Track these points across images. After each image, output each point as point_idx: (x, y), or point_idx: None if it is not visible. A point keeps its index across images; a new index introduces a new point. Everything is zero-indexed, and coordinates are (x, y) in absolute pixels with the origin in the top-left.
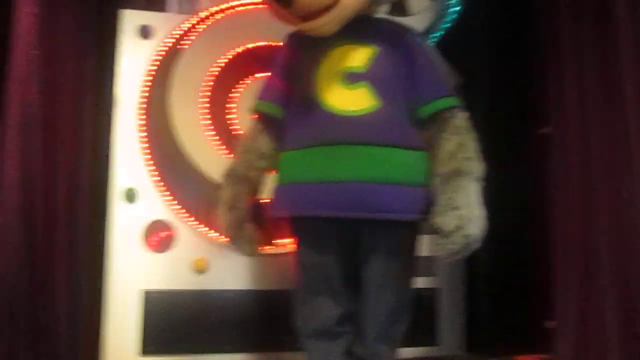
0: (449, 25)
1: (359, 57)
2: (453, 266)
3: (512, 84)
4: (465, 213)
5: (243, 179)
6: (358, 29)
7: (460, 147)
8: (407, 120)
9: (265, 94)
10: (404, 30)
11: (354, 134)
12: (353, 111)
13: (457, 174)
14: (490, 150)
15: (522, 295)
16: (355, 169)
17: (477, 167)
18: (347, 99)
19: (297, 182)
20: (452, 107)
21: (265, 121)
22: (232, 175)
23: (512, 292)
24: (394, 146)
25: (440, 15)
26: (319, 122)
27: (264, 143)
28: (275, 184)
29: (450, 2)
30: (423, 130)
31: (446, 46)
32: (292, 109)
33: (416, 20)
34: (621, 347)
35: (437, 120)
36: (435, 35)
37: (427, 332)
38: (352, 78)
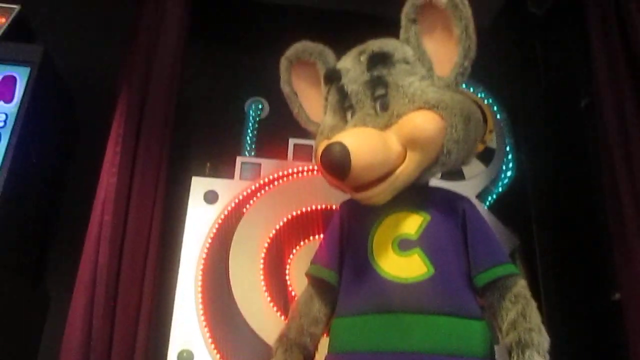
0: (502, 190)
1: (411, 224)
2: None
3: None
4: None
5: (295, 345)
6: (410, 196)
7: (522, 317)
8: (463, 287)
9: (320, 258)
10: (456, 197)
11: (409, 302)
12: (407, 278)
13: (520, 346)
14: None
15: None
16: (412, 339)
17: (541, 338)
18: (401, 266)
19: (351, 352)
20: (510, 275)
21: (319, 286)
22: (284, 340)
23: None
24: (451, 315)
25: (493, 180)
26: (373, 289)
27: (317, 308)
28: (328, 352)
29: (504, 167)
30: (481, 298)
31: (502, 210)
32: (346, 275)
33: (470, 184)
34: None
35: (495, 288)
36: (489, 198)
37: None
38: (404, 245)
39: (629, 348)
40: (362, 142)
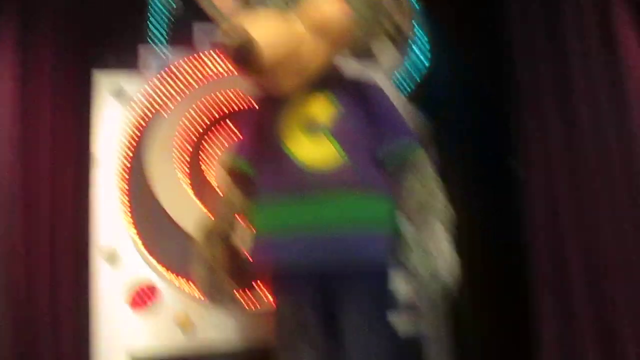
0: (416, 75)
1: (323, 111)
2: (436, 312)
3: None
4: (434, 253)
5: (218, 233)
6: (322, 83)
7: (425, 188)
8: (373, 168)
9: (236, 150)
10: (366, 82)
11: (324, 185)
12: (320, 163)
13: (423, 214)
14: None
15: (509, 337)
16: (329, 220)
17: (442, 207)
18: (314, 152)
19: (272, 236)
20: (412, 149)
21: (237, 176)
22: (208, 232)
23: (498, 335)
24: (363, 195)
25: (408, 66)
26: (288, 175)
27: (237, 198)
28: (252, 238)
29: (419, 53)
30: (390, 175)
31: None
32: (262, 163)
33: (384, 69)
34: None
35: (401, 164)
36: (405, 87)
37: None
38: (316, 131)
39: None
40: (269, 30)
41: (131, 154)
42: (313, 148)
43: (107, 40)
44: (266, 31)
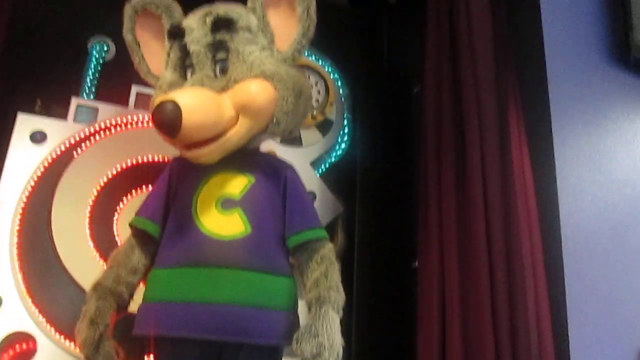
0: (335, 160)
1: (236, 185)
2: None
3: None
4: (323, 341)
5: (110, 293)
6: (240, 159)
7: (324, 276)
8: (276, 247)
9: (144, 210)
10: (281, 163)
11: (223, 257)
12: (224, 236)
13: (319, 302)
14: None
15: None
16: (222, 292)
17: (337, 296)
18: (221, 224)
19: (163, 301)
20: (319, 239)
21: (141, 237)
22: (98, 288)
23: None
24: (261, 271)
25: (328, 150)
26: (192, 243)
27: (137, 258)
28: (142, 301)
29: (339, 139)
30: (292, 258)
31: (332, 179)
32: (168, 229)
33: (306, 151)
34: None
35: (305, 250)
36: (322, 166)
37: None
38: (226, 205)
39: (419, 309)
40: (196, 101)
41: (38, 199)
42: (221, 220)
43: (40, 88)
44: (192, 98)
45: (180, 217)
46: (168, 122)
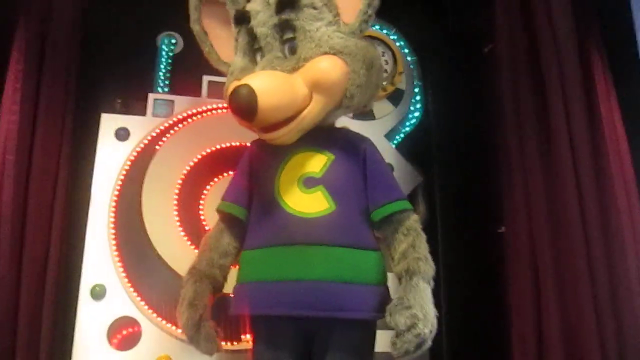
0: (409, 129)
1: (316, 163)
2: None
3: (466, 187)
4: (416, 312)
5: (205, 276)
6: (317, 137)
7: (411, 247)
8: (361, 222)
9: (229, 195)
10: (360, 139)
11: (311, 235)
12: (310, 214)
13: (409, 273)
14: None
15: None
16: (312, 269)
17: (427, 267)
18: (305, 202)
19: (256, 281)
20: (403, 210)
21: (229, 221)
22: (194, 272)
23: None
24: (349, 247)
25: (401, 120)
26: (278, 223)
27: (227, 242)
28: (236, 282)
29: (412, 108)
30: (377, 232)
31: (408, 149)
32: (254, 211)
33: (379, 123)
34: None
35: (390, 222)
36: (396, 138)
37: None
38: (309, 183)
39: (508, 273)
40: (269, 84)
41: (128, 192)
42: (305, 199)
43: (118, 88)
44: (265, 81)
45: (264, 198)
46: (244, 106)
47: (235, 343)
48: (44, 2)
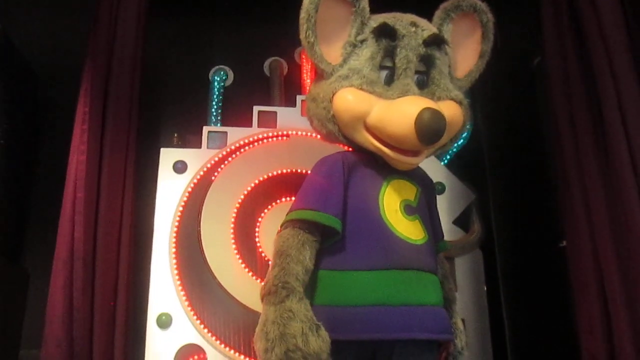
0: (458, 146)
1: (410, 192)
2: None
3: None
4: (463, 337)
5: (299, 291)
6: (414, 170)
7: (445, 279)
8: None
9: (319, 203)
10: (426, 175)
11: (422, 261)
12: (415, 240)
13: (448, 302)
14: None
15: None
16: (428, 294)
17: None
18: (409, 229)
19: (376, 305)
20: (447, 250)
21: (312, 233)
22: (287, 287)
23: None
24: (434, 272)
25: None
26: (390, 246)
27: (308, 257)
28: (332, 304)
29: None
30: None
31: (459, 166)
32: (355, 228)
33: None
34: None
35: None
36: (446, 156)
37: None
38: (409, 210)
39: (574, 288)
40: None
41: (188, 222)
42: (409, 226)
43: (175, 122)
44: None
45: (368, 217)
46: (437, 131)
47: None
48: (106, 43)
